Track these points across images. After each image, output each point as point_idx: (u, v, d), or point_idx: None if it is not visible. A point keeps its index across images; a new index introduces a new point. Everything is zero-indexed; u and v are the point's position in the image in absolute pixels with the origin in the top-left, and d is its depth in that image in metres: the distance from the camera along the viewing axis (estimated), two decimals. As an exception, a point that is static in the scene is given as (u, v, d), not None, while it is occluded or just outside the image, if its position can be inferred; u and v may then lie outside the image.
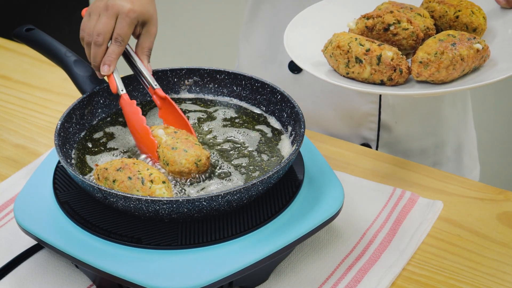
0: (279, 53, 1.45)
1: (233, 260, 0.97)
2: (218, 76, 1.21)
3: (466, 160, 1.53)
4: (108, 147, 1.13)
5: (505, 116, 2.81)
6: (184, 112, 1.19)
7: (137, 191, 0.99)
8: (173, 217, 0.98)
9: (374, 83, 1.06)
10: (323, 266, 1.07)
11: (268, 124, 1.16)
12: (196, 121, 1.18)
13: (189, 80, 1.22)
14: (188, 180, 1.05)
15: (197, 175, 1.05)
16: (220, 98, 1.22)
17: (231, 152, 1.11)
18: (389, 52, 1.03)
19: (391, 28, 1.07)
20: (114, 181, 1.00)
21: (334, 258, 1.08)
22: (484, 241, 1.12)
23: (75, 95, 1.39)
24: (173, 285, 0.94)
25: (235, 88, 1.21)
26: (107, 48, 1.12)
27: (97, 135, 1.15)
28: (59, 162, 1.11)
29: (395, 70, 1.04)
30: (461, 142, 1.51)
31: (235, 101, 1.21)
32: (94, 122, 1.17)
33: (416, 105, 1.43)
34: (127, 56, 1.16)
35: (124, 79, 1.19)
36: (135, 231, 0.99)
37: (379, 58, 1.03)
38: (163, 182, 0.99)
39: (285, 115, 1.15)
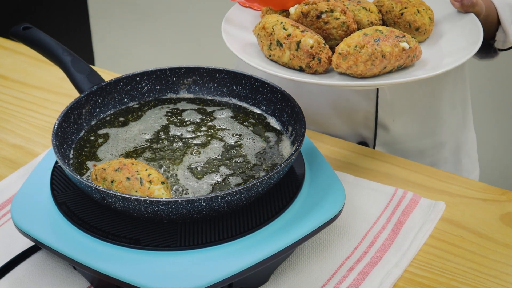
0: None
1: (233, 261, 0.96)
2: (217, 75, 1.21)
3: (465, 162, 1.53)
4: (106, 147, 1.12)
5: (506, 117, 2.81)
6: (182, 111, 1.18)
7: (136, 191, 0.98)
8: (172, 218, 0.98)
9: (294, 69, 1.07)
10: (324, 267, 1.06)
11: (268, 124, 1.16)
12: (195, 121, 1.17)
13: (188, 79, 1.22)
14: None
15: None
16: (219, 98, 1.21)
17: (230, 152, 1.10)
18: (310, 40, 1.05)
19: (323, 16, 1.09)
20: (112, 182, 0.99)
21: (335, 259, 1.07)
22: (487, 242, 1.11)
23: (73, 95, 1.39)
24: (172, 286, 0.94)
25: (234, 87, 1.20)
26: None
27: (95, 135, 1.14)
28: (56, 162, 1.10)
29: (313, 58, 1.05)
30: (459, 144, 1.51)
31: (235, 101, 1.20)
32: (92, 122, 1.16)
33: (414, 105, 1.43)
34: None
35: (123, 79, 1.19)
36: (133, 232, 0.99)
37: (298, 44, 1.05)
38: (162, 183, 0.98)
39: (286, 115, 1.14)
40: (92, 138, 1.14)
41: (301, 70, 1.07)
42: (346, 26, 1.09)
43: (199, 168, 1.07)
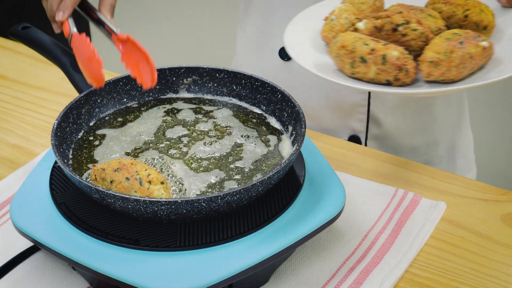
0: (270, 39, 1.45)
1: (232, 262, 0.96)
2: (217, 75, 1.20)
3: (460, 161, 1.53)
4: (104, 148, 1.12)
5: (505, 117, 2.81)
6: (181, 111, 1.18)
7: (135, 192, 0.97)
8: (171, 218, 0.97)
9: (380, 83, 1.04)
10: (324, 268, 1.06)
11: (268, 124, 1.15)
12: (194, 121, 1.16)
13: (188, 79, 1.21)
14: None
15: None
16: (219, 98, 1.21)
17: (230, 152, 1.10)
18: (394, 52, 1.03)
19: (400, 28, 1.06)
20: (111, 182, 0.99)
21: (336, 260, 1.07)
22: (488, 242, 1.11)
23: (72, 95, 1.39)
24: (172, 287, 0.93)
25: (234, 87, 1.20)
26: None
27: (94, 135, 1.14)
28: (55, 162, 1.10)
29: (400, 70, 1.02)
30: (454, 143, 1.51)
31: (235, 101, 1.20)
32: (92, 122, 1.16)
33: (406, 100, 1.43)
34: (89, 14, 1.14)
35: (122, 79, 1.18)
36: (133, 233, 0.99)
37: (384, 57, 1.02)
38: (161, 183, 0.98)
39: (286, 115, 1.14)
40: (90, 138, 1.13)
41: (388, 83, 1.05)
42: (424, 36, 1.07)
43: (196, 168, 1.06)
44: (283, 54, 1.43)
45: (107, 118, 1.17)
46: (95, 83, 1.06)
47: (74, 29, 1.11)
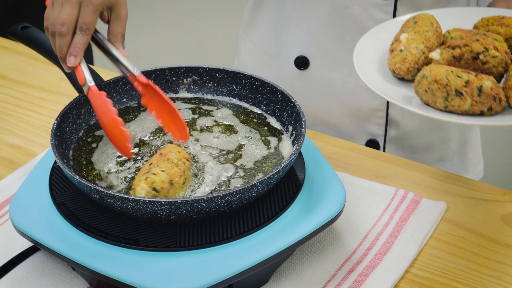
0: (284, 48, 1.44)
1: (232, 262, 0.96)
2: (217, 75, 1.20)
3: (471, 155, 1.55)
4: (105, 147, 1.11)
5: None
6: (179, 110, 1.18)
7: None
8: (171, 219, 0.97)
9: (473, 114, 1.04)
10: (325, 268, 1.06)
11: (268, 124, 1.15)
12: (194, 120, 1.16)
13: (188, 79, 1.21)
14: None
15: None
16: (219, 97, 1.21)
17: (230, 151, 1.10)
18: (487, 82, 1.02)
19: (480, 56, 1.05)
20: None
21: (336, 260, 1.07)
22: (489, 243, 1.11)
23: (72, 94, 1.38)
24: (171, 287, 0.93)
25: (234, 87, 1.20)
26: (72, 38, 1.08)
27: (94, 135, 1.13)
28: (55, 162, 1.10)
29: (495, 100, 1.02)
30: (465, 137, 1.53)
31: (235, 101, 1.20)
32: (91, 122, 1.16)
33: None
34: (100, 45, 1.12)
35: (122, 78, 1.18)
36: (132, 233, 0.98)
37: (479, 89, 1.01)
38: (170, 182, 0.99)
39: (286, 115, 1.14)
40: (91, 137, 1.13)
41: (481, 114, 1.04)
42: (504, 62, 1.06)
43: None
44: (299, 63, 1.43)
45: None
46: (121, 152, 1.06)
47: (91, 81, 1.08)
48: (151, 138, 1.13)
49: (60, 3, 1.08)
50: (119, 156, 1.09)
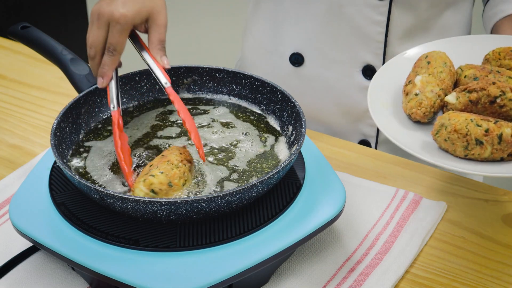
0: (280, 45, 1.44)
1: (232, 262, 0.96)
2: (217, 74, 1.20)
3: None
4: (105, 146, 1.11)
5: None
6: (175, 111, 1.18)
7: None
8: (171, 219, 0.97)
9: (493, 161, 1.03)
10: (325, 268, 1.05)
11: (268, 124, 1.15)
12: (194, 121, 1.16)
13: (188, 79, 1.21)
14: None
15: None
16: (219, 97, 1.20)
17: (230, 151, 1.10)
18: (507, 129, 1.01)
19: (498, 100, 1.04)
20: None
21: (336, 260, 1.07)
22: (489, 243, 1.11)
23: (72, 94, 1.38)
24: (171, 287, 0.93)
25: (234, 87, 1.20)
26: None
27: (93, 135, 1.13)
28: (55, 162, 1.10)
29: None
30: None
31: (235, 100, 1.20)
32: (91, 122, 1.16)
33: None
34: (139, 45, 1.11)
35: (122, 78, 1.18)
36: (132, 233, 0.98)
37: (500, 137, 1.01)
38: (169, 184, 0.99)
39: (286, 115, 1.14)
40: (90, 138, 1.13)
41: (501, 160, 1.03)
42: None
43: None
44: (294, 60, 1.43)
45: (106, 117, 1.16)
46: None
47: (114, 107, 1.08)
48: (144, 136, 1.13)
49: (91, 23, 1.07)
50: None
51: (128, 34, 1.07)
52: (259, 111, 1.18)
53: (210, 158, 1.08)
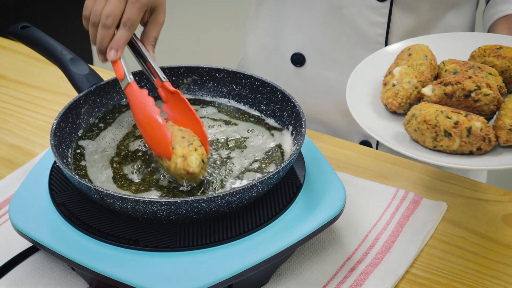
0: (281, 45, 1.44)
1: (232, 262, 0.96)
2: (217, 74, 1.20)
3: None
4: (105, 146, 1.11)
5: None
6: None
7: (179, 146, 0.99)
8: (171, 219, 0.97)
9: (462, 154, 1.04)
10: (324, 269, 1.05)
11: (268, 124, 1.15)
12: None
13: (188, 79, 1.21)
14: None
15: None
16: (219, 97, 1.20)
17: (230, 151, 1.10)
18: (477, 123, 1.01)
19: (472, 94, 1.05)
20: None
21: (336, 260, 1.07)
22: (489, 243, 1.11)
23: (71, 94, 1.38)
24: (171, 287, 0.93)
25: (234, 87, 1.20)
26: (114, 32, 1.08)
27: (93, 135, 1.13)
28: (55, 162, 1.10)
29: (484, 140, 1.02)
30: None
31: (235, 100, 1.20)
32: (91, 122, 1.16)
33: None
34: (131, 44, 1.11)
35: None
36: (132, 233, 0.98)
37: (468, 130, 1.01)
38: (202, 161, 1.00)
39: (286, 115, 1.14)
40: (90, 137, 1.13)
41: (470, 154, 1.03)
42: (496, 100, 1.06)
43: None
44: (296, 60, 1.43)
45: (106, 117, 1.16)
46: (156, 153, 1.04)
47: (131, 78, 1.07)
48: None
49: None
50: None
51: (142, 14, 1.08)
52: (259, 111, 1.18)
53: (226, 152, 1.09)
